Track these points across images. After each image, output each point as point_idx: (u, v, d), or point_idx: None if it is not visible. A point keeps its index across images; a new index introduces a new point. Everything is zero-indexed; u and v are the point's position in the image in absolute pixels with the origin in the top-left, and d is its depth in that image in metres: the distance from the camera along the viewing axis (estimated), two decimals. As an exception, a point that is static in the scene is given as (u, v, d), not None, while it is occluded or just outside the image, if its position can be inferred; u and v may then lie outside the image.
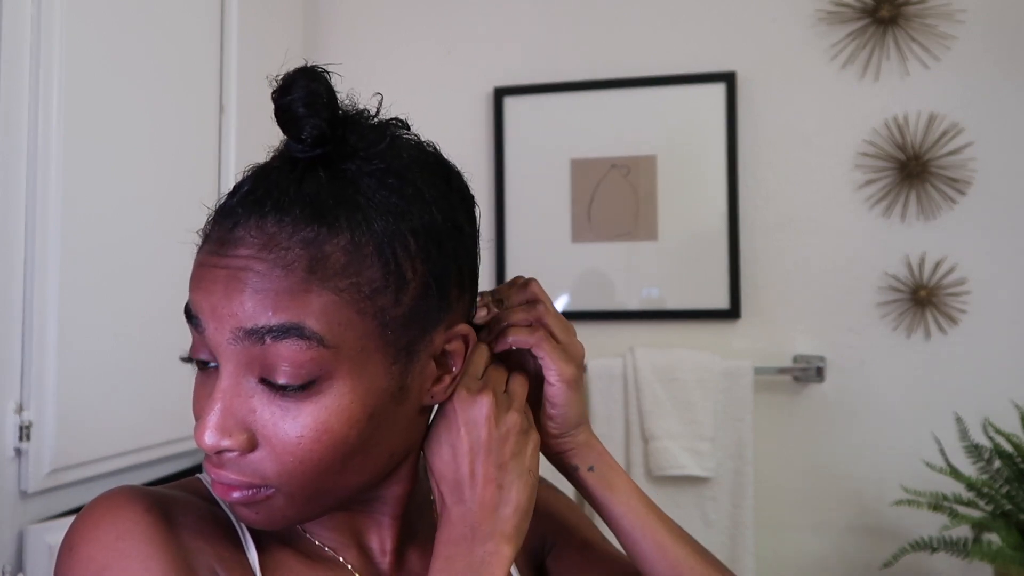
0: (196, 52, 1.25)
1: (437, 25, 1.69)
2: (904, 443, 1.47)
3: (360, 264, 0.43)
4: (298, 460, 0.43)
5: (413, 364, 0.46)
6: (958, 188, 1.47)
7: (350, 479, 0.46)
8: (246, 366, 0.42)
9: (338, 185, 0.44)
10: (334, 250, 0.42)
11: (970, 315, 1.46)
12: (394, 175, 0.45)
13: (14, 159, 0.90)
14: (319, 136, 0.44)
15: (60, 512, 0.97)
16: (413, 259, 0.45)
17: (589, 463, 0.56)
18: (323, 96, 0.44)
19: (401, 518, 0.54)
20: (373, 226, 0.43)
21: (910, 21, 1.50)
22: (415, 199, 0.46)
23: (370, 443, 0.45)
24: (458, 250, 0.49)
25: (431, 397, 0.49)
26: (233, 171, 1.33)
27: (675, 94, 1.57)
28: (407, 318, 0.45)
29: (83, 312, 0.98)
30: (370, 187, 0.44)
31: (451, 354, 0.49)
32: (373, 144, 0.46)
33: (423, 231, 0.45)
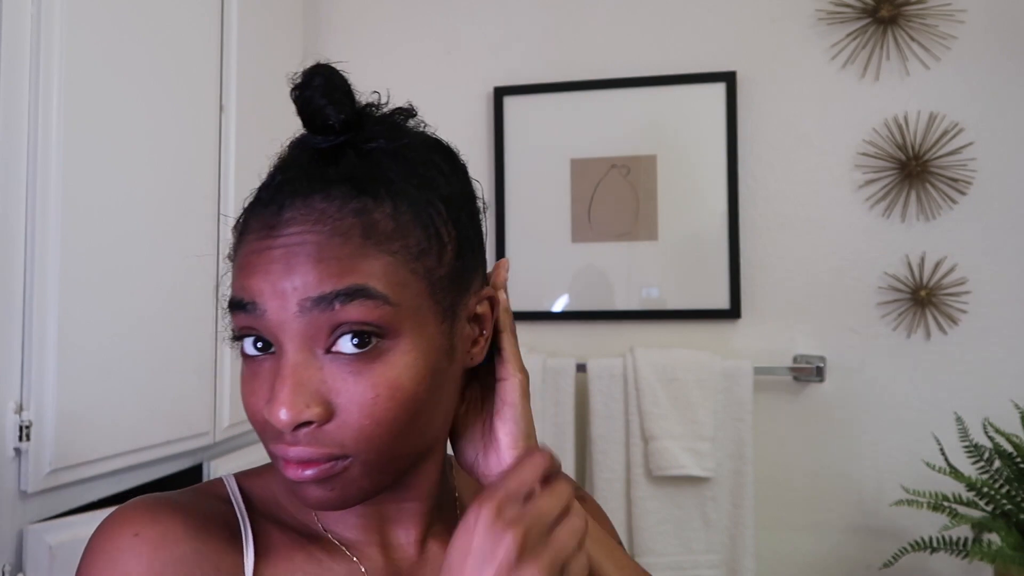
0: (196, 52, 1.25)
1: (437, 25, 1.69)
2: (904, 443, 1.47)
3: (405, 229, 0.46)
4: (376, 422, 0.44)
5: (456, 324, 0.49)
6: (958, 188, 1.47)
7: (416, 441, 0.48)
8: (312, 338, 0.44)
9: (368, 163, 0.47)
10: (382, 217, 0.45)
11: (970, 315, 1.46)
12: (412, 152, 0.49)
13: (14, 159, 0.90)
14: (344, 122, 0.46)
15: (60, 512, 0.97)
16: (446, 223, 0.48)
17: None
18: (341, 86, 0.46)
19: (429, 506, 0.54)
20: (408, 195, 0.46)
21: (910, 21, 1.50)
22: (436, 172, 0.49)
23: (433, 401, 0.47)
24: (475, 218, 0.53)
25: (471, 359, 0.51)
26: (233, 171, 1.33)
27: (675, 94, 1.57)
28: (450, 279, 0.48)
29: (83, 312, 0.98)
30: (395, 164, 0.47)
31: (481, 316, 0.51)
32: (388, 128, 0.49)
33: (448, 199, 0.49)
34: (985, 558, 1.14)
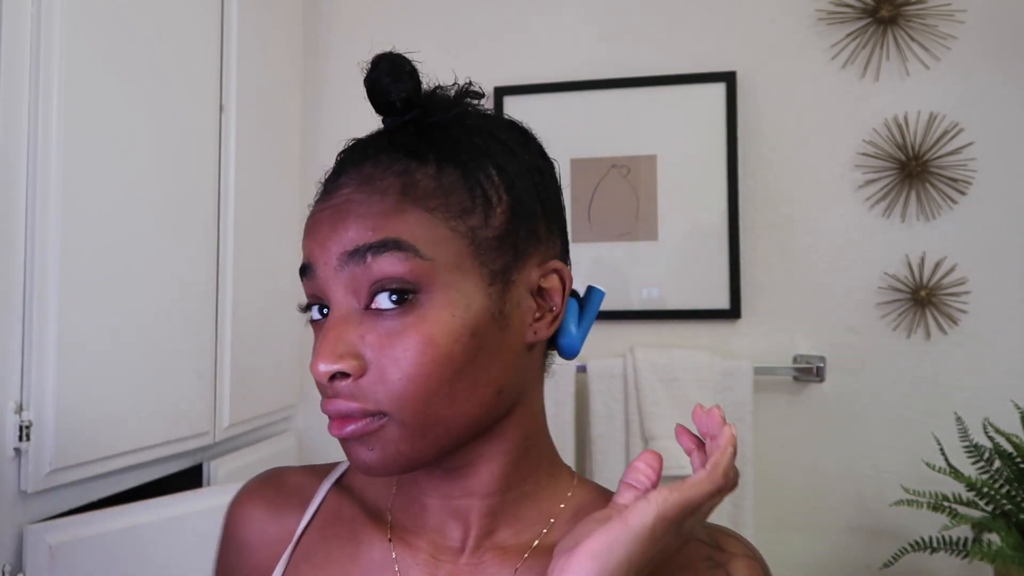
0: (196, 52, 1.25)
1: (437, 25, 1.69)
2: (904, 443, 1.47)
3: (449, 188, 0.47)
4: (408, 377, 0.44)
5: (510, 291, 0.48)
6: (958, 188, 1.47)
7: (461, 407, 0.46)
8: (353, 293, 0.45)
9: (425, 134, 0.49)
10: (423, 177, 0.46)
11: (970, 315, 1.46)
12: (469, 121, 0.50)
13: (14, 159, 0.90)
14: (406, 100, 0.49)
15: (60, 512, 0.97)
16: (497, 187, 0.48)
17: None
18: (406, 68, 0.49)
19: (491, 505, 0.50)
20: (457, 158, 0.47)
21: (910, 21, 1.50)
22: (493, 141, 0.50)
23: (476, 365, 0.46)
24: (539, 189, 0.51)
25: (534, 333, 0.49)
26: (233, 171, 1.33)
27: (675, 94, 1.57)
28: (498, 240, 0.47)
29: (83, 312, 0.98)
30: (448, 132, 0.49)
31: (548, 291, 0.50)
32: (449, 106, 0.50)
33: (503, 166, 0.49)
34: (985, 558, 1.14)
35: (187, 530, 1.13)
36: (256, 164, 1.43)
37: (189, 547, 1.13)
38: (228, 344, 1.30)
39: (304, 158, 1.71)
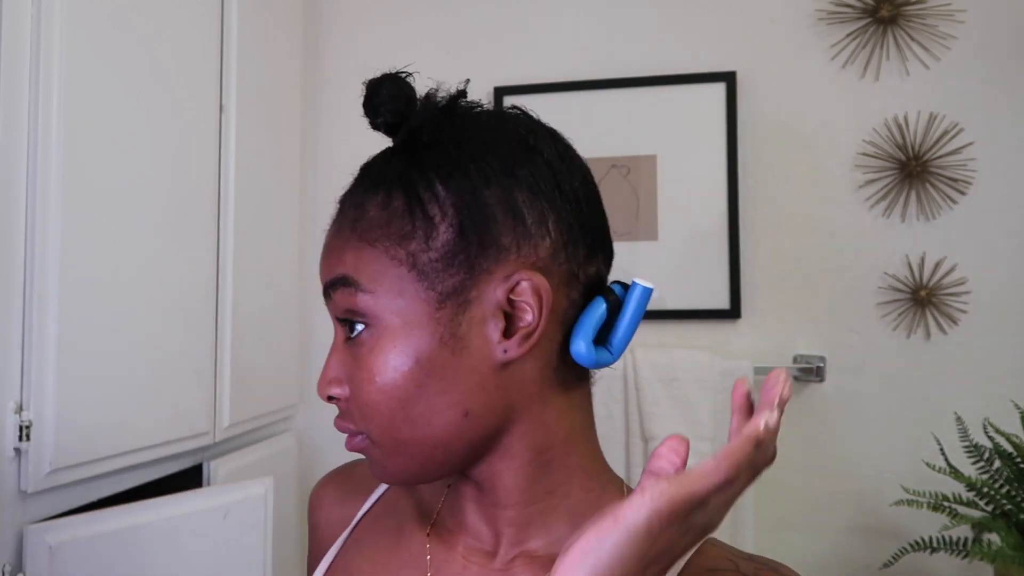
0: (196, 52, 1.25)
1: (437, 25, 1.69)
2: (904, 443, 1.47)
3: (391, 215, 0.47)
4: (364, 403, 0.47)
5: (466, 312, 0.46)
6: (958, 188, 1.47)
7: (423, 430, 0.47)
8: (338, 322, 0.49)
9: (396, 155, 0.50)
10: (372, 207, 0.48)
11: (970, 315, 1.46)
12: (436, 135, 0.49)
13: (14, 159, 0.90)
14: (386, 125, 0.51)
15: (60, 512, 0.97)
16: (443, 203, 0.46)
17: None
18: (387, 93, 0.51)
19: (518, 515, 0.50)
20: (405, 178, 0.48)
21: (910, 21, 1.50)
22: (453, 147, 0.48)
23: (428, 391, 0.46)
24: (508, 195, 0.47)
25: (504, 352, 0.46)
26: (233, 171, 1.33)
27: (675, 94, 1.57)
28: (445, 260, 0.46)
29: (83, 312, 0.98)
30: (410, 151, 0.49)
31: (519, 304, 0.46)
32: (430, 119, 0.50)
33: (455, 175, 0.47)
34: (985, 558, 1.14)
35: (187, 530, 1.13)
36: (256, 164, 1.43)
37: (189, 547, 1.13)
38: (228, 344, 1.30)
39: (304, 158, 1.71)
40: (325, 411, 1.70)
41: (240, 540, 1.24)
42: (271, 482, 1.31)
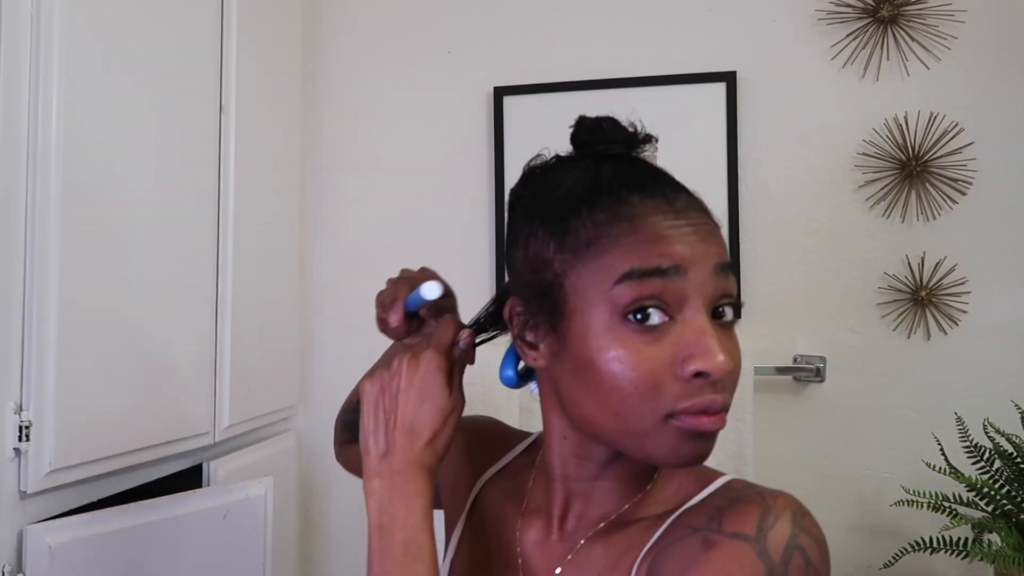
0: (196, 52, 1.25)
1: (437, 25, 1.69)
2: (904, 443, 1.47)
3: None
4: (737, 379, 0.53)
5: None
6: (958, 188, 1.47)
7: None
8: (708, 301, 0.51)
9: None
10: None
11: (970, 315, 1.46)
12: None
13: (14, 159, 0.90)
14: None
15: (60, 512, 0.97)
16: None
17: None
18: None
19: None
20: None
21: (910, 21, 1.50)
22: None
23: None
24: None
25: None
26: (233, 171, 1.33)
27: (675, 94, 1.57)
28: None
29: (83, 312, 0.98)
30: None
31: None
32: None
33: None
34: (985, 558, 1.14)
35: (187, 530, 1.13)
36: (256, 164, 1.43)
37: (189, 547, 1.13)
38: (228, 344, 1.30)
39: (304, 158, 1.71)
40: (325, 411, 1.70)
41: (240, 540, 1.24)
42: (271, 482, 1.31)
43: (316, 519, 1.70)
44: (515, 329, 0.58)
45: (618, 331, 0.50)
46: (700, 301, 0.50)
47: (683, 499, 0.56)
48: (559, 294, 0.53)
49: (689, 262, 0.50)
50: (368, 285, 1.92)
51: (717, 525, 0.50)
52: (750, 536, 0.49)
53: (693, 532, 0.51)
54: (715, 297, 0.51)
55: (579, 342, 0.51)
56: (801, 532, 0.49)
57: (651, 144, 0.59)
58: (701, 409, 0.49)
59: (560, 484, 0.60)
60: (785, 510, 0.50)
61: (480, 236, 1.64)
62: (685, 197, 0.54)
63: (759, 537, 0.48)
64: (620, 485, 0.58)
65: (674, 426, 0.49)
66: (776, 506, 0.50)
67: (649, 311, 0.50)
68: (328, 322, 1.72)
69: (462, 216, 1.66)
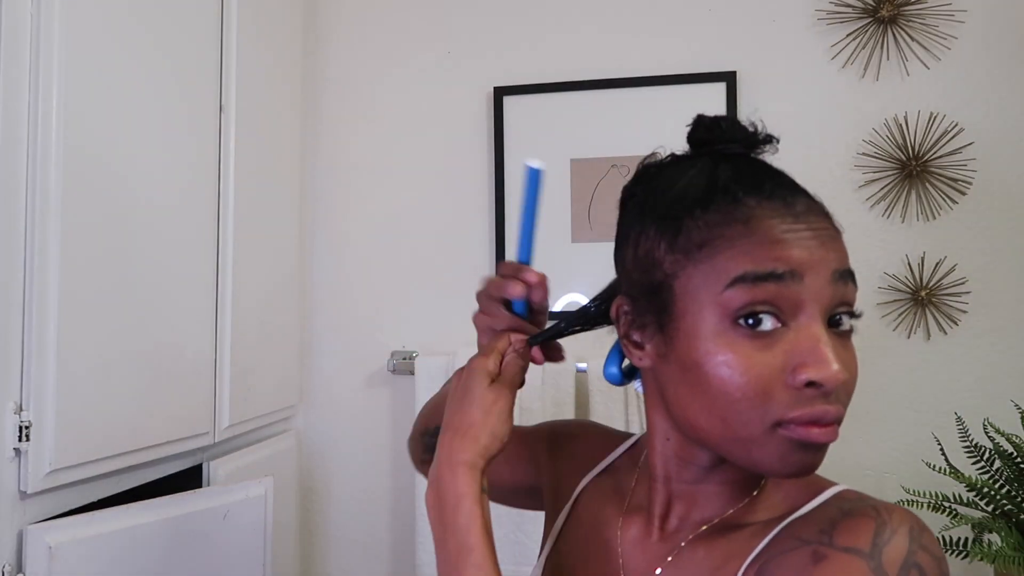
0: (196, 52, 1.25)
1: (437, 25, 1.69)
2: (904, 443, 1.47)
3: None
4: (852, 390, 0.52)
5: None
6: (958, 188, 1.47)
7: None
8: (827, 308, 0.50)
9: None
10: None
11: (970, 315, 1.46)
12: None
13: (14, 158, 0.90)
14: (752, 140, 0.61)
15: (60, 512, 0.97)
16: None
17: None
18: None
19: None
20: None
21: (910, 21, 1.50)
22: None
23: None
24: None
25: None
26: (233, 171, 1.33)
27: (675, 94, 1.57)
28: None
29: (83, 312, 0.98)
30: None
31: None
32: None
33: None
34: (985, 558, 1.14)
35: (187, 530, 1.13)
36: (256, 164, 1.43)
37: (189, 547, 1.13)
38: (228, 344, 1.30)
39: (304, 158, 1.71)
40: (325, 411, 1.70)
41: (240, 540, 1.24)
42: (271, 482, 1.31)
43: (316, 519, 1.71)
44: (621, 328, 0.58)
45: (728, 335, 0.49)
46: (816, 308, 0.49)
47: (791, 508, 0.54)
48: (668, 295, 0.52)
49: (806, 267, 0.49)
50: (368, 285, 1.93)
51: (828, 538, 0.48)
52: (864, 551, 0.46)
53: (803, 544, 0.49)
54: (832, 305, 0.50)
55: (687, 344, 0.50)
56: (919, 549, 0.47)
57: (772, 145, 0.58)
58: (812, 419, 0.48)
59: (662, 485, 0.59)
60: (902, 525, 0.48)
61: (480, 236, 1.64)
62: (805, 200, 0.53)
63: (873, 553, 0.46)
64: (725, 489, 0.57)
65: (782, 435, 0.48)
66: (892, 520, 0.48)
67: (761, 316, 0.48)
68: (328, 322, 1.72)
69: (462, 216, 1.66)
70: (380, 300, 1.69)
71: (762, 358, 0.48)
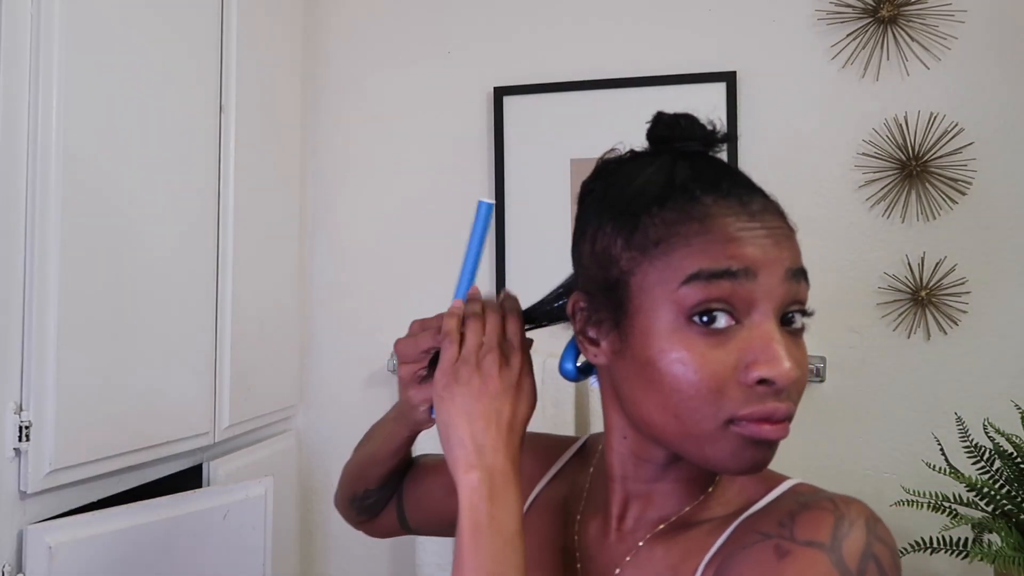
0: (196, 52, 1.25)
1: (437, 25, 1.69)
2: (904, 443, 1.47)
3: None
4: (803, 387, 0.51)
5: None
6: (958, 188, 1.47)
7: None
8: (780, 306, 0.50)
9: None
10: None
11: (970, 315, 1.46)
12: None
13: (14, 159, 0.90)
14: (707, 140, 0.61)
15: (60, 512, 0.97)
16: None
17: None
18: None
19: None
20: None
21: (910, 21, 1.49)
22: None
23: None
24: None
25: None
26: (233, 171, 1.33)
27: (675, 94, 1.57)
28: None
29: (83, 312, 0.98)
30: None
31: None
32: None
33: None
34: (985, 559, 1.14)
35: (187, 530, 1.13)
36: (256, 164, 1.43)
37: (189, 547, 1.13)
38: (228, 344, 1.30)
39: (304, 158, 1.71)
40: (325, 411, 1.70)
41: (240, 540, 1.24)
42: (271, 482, 1.31)
43: (316, 519, 1.71)
44: (577, 324, 0.57)
45: (682, 333, 0.49)
46: (769, 306, 0.49)
47: (747, 502, 0.55)
48: (624, 292, 0.52)
49: (760, 265, 0.49)
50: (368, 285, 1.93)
51: (789, 532, 0.49)
52: (825, 544, 0.47)
53: (764, 539, 0.50)
54: (785, 303, 0.50)
55: (642, 342, 0.50)
56: (876, 540, 0.48)
57: (729, 143, 0.59)
58: (763, 416, 0.48)
59: (619, 484, 0.59)
60: (859, 517, 0.49)
61: (480, 236, 1.64)
62: (761, 199, 0.54)
63: (834, 546, 0.47)
64: (680, 487, 0.57)
65: (735, 432, 0.48)
66: (850, 513, 0.49)
67: (715, 314, 0.49)
68: (328, 322, 1.72)
69: (462, 216, 1.65)
70: (380, 300, 1.69)
71: (716, 355, 0.48)
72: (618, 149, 0.60)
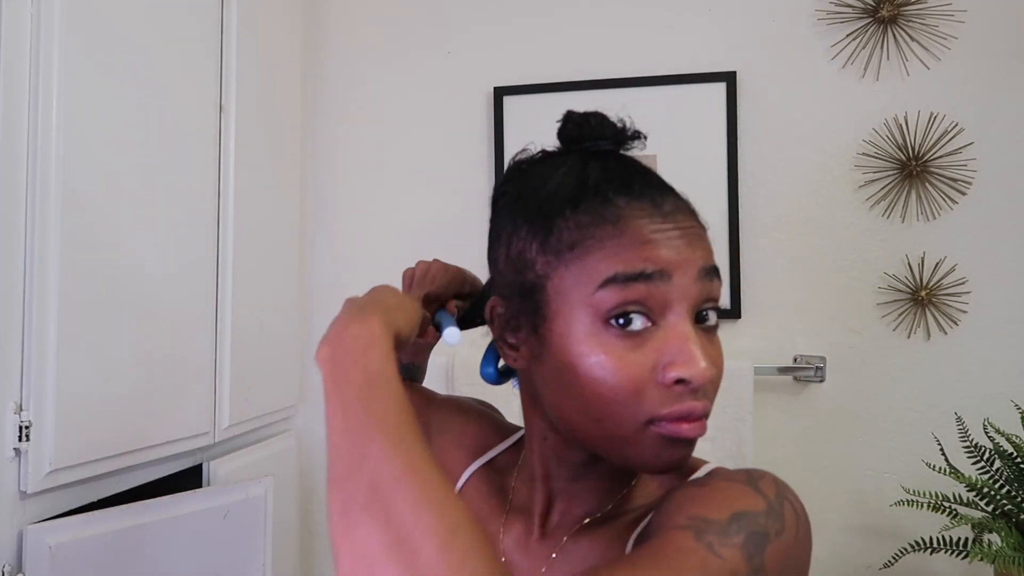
0: (196, 52, 1.25)
1: (437, 25, 1.69)
2: (904, 443, 1.47)
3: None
4: (719, 384, 0.52)
5: None
6: (958, 188, 1.47)
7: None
8: (694, 305, 0.50)
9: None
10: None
11: (970, 315, 1.46)
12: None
13: (14, 159, 0.90)
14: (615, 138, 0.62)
15: (60, 512, 0.97)
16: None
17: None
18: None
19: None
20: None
21: (910, 21, 1.50)
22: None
23: None
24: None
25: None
26: (233, 171, 1.33)
27: (675, 94, 1.57)
28: None
29: (83, 312, 0.98)
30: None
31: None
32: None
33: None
34: (985, 558, 1.14)
35: (187, 530, 1.13)
36: (256, 164, 1.43)
37: (189, 547, 1.13)
38: (228, 344, 1.30)
39: (304, 158, 1.71)
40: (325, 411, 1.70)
41: (240, 540, 1.24)
42: (271, 482, 1.31)
43: (316, 519, 1.71)
44: (496, 329, 0.57)
45: (600, 336, 0.49)
46: (684, 306, 0.49)
47: (668, 490, 0.56)
48: (541, 296, 0.52)
49: (674, 266, 0.49)
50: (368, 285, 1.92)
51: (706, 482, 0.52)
52: (742, 479, 0.50)
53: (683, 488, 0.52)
54: (699, 301, 0.50)
55: (560, 346, 0.50)
56: (788, 492, 0.51)
57: (640, 141, 0.58)
58: (681, 416, 0.48)
59: (542, 484, 0.59)
60: (772, 483, 0.51)
61: (480, 235, 1.64)
62: (672, 199, 0.53)
63: (749, 482, 0.50)
64: (603, 484, 0.58)
65: (654, 432, 0.49)
66: (763, 478, 0.51)
67: (632, 316, 0.49)
68: (328, 322, 1.71)
69: (461, 216, 1.66)
70: (380, 300, 1.69)
71: (634, 358, 0.48)
72: (529, 149, 0.60)
